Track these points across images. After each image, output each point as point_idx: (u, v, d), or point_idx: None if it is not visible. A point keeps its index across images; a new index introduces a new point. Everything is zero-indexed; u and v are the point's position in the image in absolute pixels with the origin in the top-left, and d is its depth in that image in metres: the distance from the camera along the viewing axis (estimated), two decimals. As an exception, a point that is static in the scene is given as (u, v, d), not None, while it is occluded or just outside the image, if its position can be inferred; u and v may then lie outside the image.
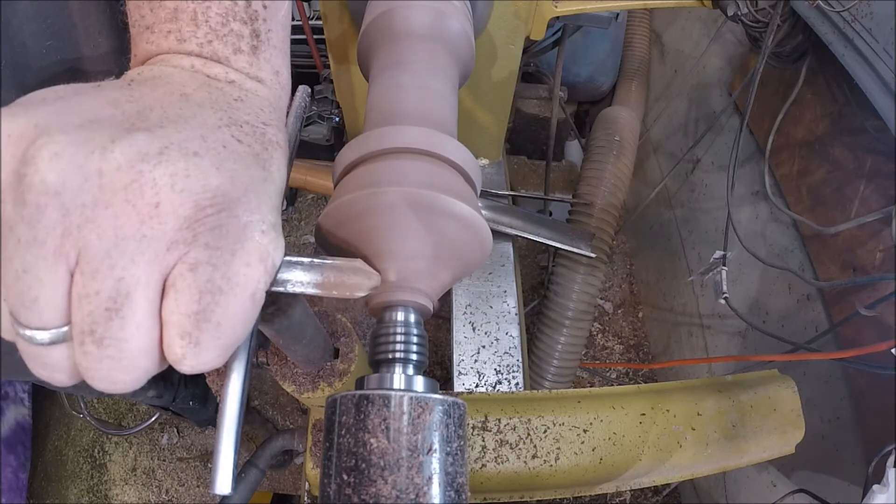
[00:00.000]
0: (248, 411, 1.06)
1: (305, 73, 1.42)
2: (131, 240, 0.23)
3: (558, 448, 0.70)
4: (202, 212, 0.24)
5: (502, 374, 0.88)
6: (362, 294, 0.31)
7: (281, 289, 0.31)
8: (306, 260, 0.31)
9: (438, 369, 1.37)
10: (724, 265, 1.00)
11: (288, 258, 0.31)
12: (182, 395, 1.07)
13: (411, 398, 0.33)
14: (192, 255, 0.24)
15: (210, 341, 0.25)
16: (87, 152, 0.23)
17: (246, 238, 0.26)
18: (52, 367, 0.25)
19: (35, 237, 0.22)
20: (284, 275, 0.31)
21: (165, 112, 0.26)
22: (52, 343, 0.24)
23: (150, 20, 0.31)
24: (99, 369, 0.24)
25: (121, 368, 0.24)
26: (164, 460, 1.57)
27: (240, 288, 0.26)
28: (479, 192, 0.45)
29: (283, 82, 0.35)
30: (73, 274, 0.23)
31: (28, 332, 0.23)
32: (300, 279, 0.31)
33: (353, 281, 0.30)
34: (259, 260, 0.27)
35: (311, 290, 0.31)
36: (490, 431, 0.70)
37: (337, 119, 1.44)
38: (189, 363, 0.25)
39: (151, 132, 0.24)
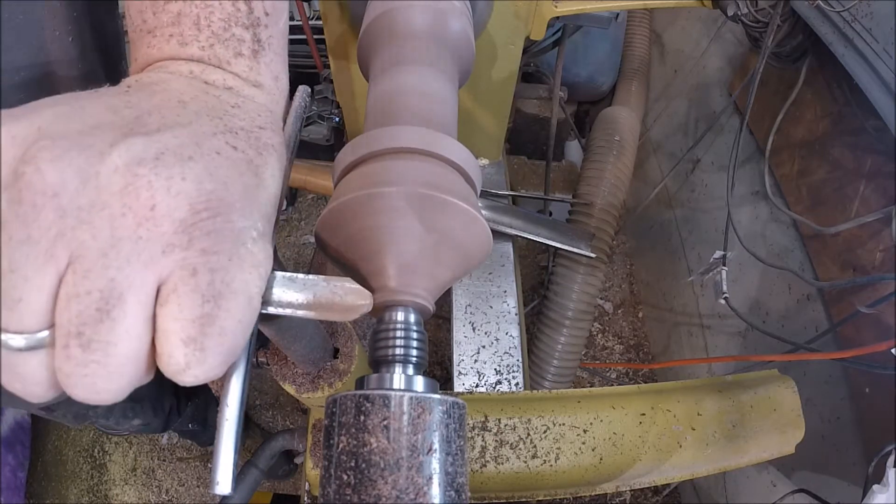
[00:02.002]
0: (246, 423, 1.04)
1: (305, 73, 1.42)
2: (127, 241, 0.23)
3: (558, 448, 0.70)
4: (197, 215, 0.24)
5: (502, 374, 0.88)
6: (358, 315, 0.30)
7: (272, 309, 0.30)
8: (300, 276, 0.30)
9: (438, 369, 1.37)
10: (724, 265, 1.00)
11: (281, 274, 0.30)
12: (176, 422, 1.03)
13: (411, 398, 0.33)
14: (191, 259, 0.24)
15: (215, 347, 0.25)
16: (86, 156, 0.23)
17: (240, 243, 0.26)
18: (28, 379, 0.23)
19: (29, 236, 0.22)
20: (277, 292, 0.30)
21: (163, 118, 0.27)
22: (29, 349, 0.23)
23: (152, 24, 0.31)
24: (83, 375, 0.23)
25: (105, 375, 0.23)
26: (164, 460, 1.57)
27: (239, 293, 0.26)
28: (479, 193, 0.45)
29: (281, 88, 0.35)
30: (61, 277, 0.23)
31: (4, 336, 0.22)
32: (292, 299, 0.30)
33: (349, 302, 0.29)
34: (252, 266, 0.27)
35: (302, 313, 0.30)
36: (490, 431, 0.70)
37: (337, 119, 1.44)
38: (194, 372, 0.24)
39: (149, 136, 0.25)
